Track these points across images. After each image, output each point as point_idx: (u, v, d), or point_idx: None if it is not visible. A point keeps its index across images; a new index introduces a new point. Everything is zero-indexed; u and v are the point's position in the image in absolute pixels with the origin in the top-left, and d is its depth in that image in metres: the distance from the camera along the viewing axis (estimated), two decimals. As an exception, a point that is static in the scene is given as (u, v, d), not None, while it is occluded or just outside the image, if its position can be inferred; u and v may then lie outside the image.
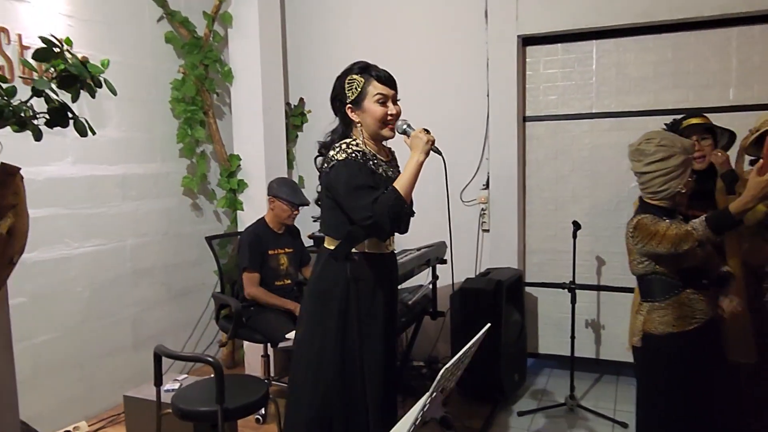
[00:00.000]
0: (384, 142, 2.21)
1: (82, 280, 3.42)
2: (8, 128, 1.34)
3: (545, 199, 3.98)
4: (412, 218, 2.24)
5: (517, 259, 3.92)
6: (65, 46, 1.39)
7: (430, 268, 3.46)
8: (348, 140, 2.07)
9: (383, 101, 2.08)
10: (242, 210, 4.15)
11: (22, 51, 3.03)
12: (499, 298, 3.39)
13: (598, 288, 3.86)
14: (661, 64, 3.62)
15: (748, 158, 2.65)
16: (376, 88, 2.07)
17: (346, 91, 2.08)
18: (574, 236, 3.42)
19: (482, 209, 4.01)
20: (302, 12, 4.47)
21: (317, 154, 2.18)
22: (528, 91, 3.95)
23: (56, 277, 3.27)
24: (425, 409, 1.56)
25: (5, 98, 1.24)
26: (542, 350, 4.08)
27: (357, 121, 2.09)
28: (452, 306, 3.56)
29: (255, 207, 4.04)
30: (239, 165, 4.11)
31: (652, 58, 3.64)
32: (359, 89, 2.06)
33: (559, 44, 3.83)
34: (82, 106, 3.37)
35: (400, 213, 1.95)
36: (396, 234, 2.19)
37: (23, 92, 1.33)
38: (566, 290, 3.41)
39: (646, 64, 3.65)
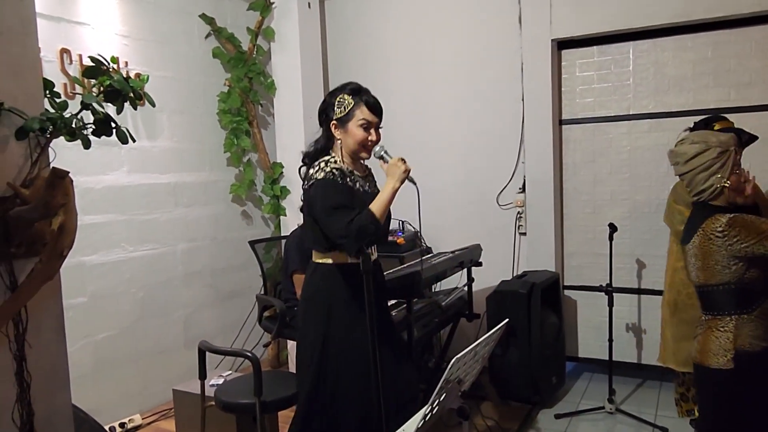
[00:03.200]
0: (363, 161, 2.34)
1: (137, 281, 3.66)
2: (64, 141, 1.51)
3: (583, 202, 3.97)
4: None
5: (554, 262, 3.92)
6: (111, 65, 1.54)
7: (465, 270, 3.52)
8: (327, 158, 2.21)
9: (366, 127, 2.19)
10: (285, 215, 4.33)
11: (83, 70, 3.30)
12: (534, 301, 3.41)
13: (639, 291, 3.81)
14: (700, 62, 3.56)
15: None
16: (363, 113, 2.18)
17: (335, 108, 2.21)
18: (611, 239, 3.40)
19: (519, 212, 4.03)
20: (342, 25, 4.64)
21: (301, 164, 2.32)
22: (564, 94, 3.96)
23: (113, 278, 3.52)
24: (441, 399, 1.63)
25: (58, 112, 1.41)
26: (582, 354, 4.05)
27: (338, 138, 2.22)
28: (488, 308, 3.60)
29: (297, 212, 4.18)
30: (282, 172, 4.29)
31: (690, 57, 3.59)
32: (347, 110, 2.18)
33: (594, 47, 3.83)
34: (137, 120, 3.64)
35: (374, 233, 2.07)
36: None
37: (75, 107, 1.50)
38: (603, 293, 3.40)
39: (685, 63, 3.61)
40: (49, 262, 1.28)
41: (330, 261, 2.25)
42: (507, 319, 1.89)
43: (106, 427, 3.29)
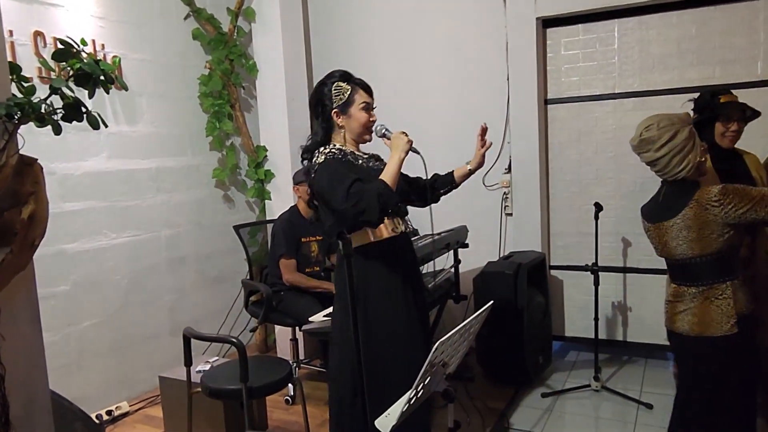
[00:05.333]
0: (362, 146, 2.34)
1: (121, 269, 3.61)
2: (40, 129, 1.46)
3: (569, 182, 3.97)
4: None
5: (540, 242, 3.93)
6: (81, 47, 1.49)
7: (452, 252, 3.51)
8: (326, 145, 2.21)
9: (367, 108, 2.23)
10: (270, 199, 4.29)
11: (52, 53, 3.20)
12: (520, 281, 3.42)
13: (624, 270, 3.84)
14: (685, 40, 3.55)
15: None
16: (362, 96, 2.22)
17: (333, 97, 2.21)
18: (596, 218, 3.41)
19: (505, 193, 4.02)
20: (324, 4, 4.55)
21: (302, 157, 2.30)
22: (549, 73, 3.93)
23: (96, 266, 3.47)
24: (426, 382, 1.63)
25: (26, 97, 1.36)
26: (569, 333, 4.08)
27: (341, 126, 2.23)
28: (475, 289, 3.60)
29: (282, 196, 4.17)
30: (266, 156, 4.23)
31: (675, 35, 3.57)
32: (347, 96, 2.20)
33: (579, 25, 3.79)
34: (116, 104, 3.57)
35: (389, 201, 2.05)
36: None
37: (46, 91, 1.44)
38: (590, 272, 3.42)
39: (670, 41, 3.58)
40: (21, 253, 1.24)
41: (355, 243, 2.16)
42: (492, 302, 1.88)
43: (93, 415, 3.28)
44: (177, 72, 3.97)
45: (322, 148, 2.20)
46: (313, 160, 2.20)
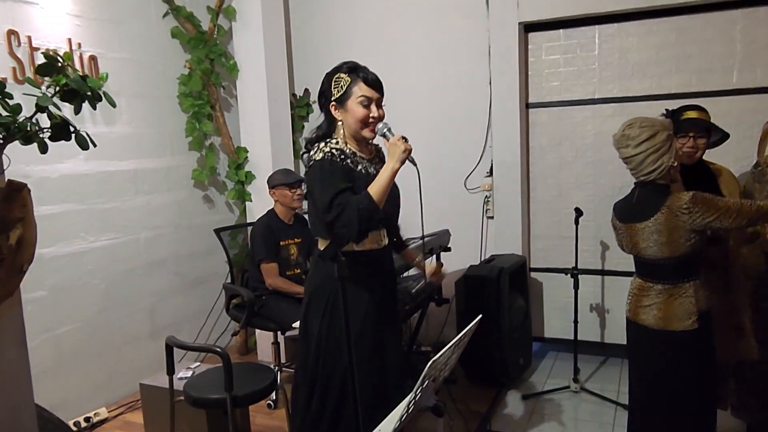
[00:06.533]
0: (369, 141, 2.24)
1: (99, 272, 3.55)
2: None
3: (549, 186, 4.02)
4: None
5: (521, 245, 3.97)
6: (66, 61, 1.46)
7: (434, 256, 3.53)
8: (328, 140, 2.12)
9: (366, 103, 2.10)
10: (250, 201, 4.25)
11: (32, 52, 3.12)
12: (502, 285, 3.46)
13: (602, 273, 3.91)
14: (663, 48, 3.61)
15: None
16: (361, 89, 2.09)
17: (332, 89, 2.11)
18: (576, 222, 3.46)
19: (486, 196, 4.05)
20: (305, 2, 4.51)
21: (304, 150, 2.22)
22: (530, 77, 3.96)
23: (74, 270, 3.40)
24: (417, 398, 1.64)
25: (11, 116, 1.32)
26: (548, 334, 4.14)
27: (339, 119, 2.13)
28: (457, 293, 3.63)
29: (263, 198, 4.12)
30: (246, 157, 4.19)
31: (654, 42, 3.63)
32: (344, 88, 2.09)
33: (561, 30, 3.83)
34: (93, 105, 3.48)
35: (371, 217, 1.97)
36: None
37: (28, 104, 1.41)
38: (569, 275, 3.47)
39: (649, 49, 3.64)
40: (8, 279, 1.21)
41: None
42: (480, 315, 1.90)
43: (71, 422, 3.22)
44: (156, 71, 3.89)
45: (322, 144, 2.09)
46: (311, 153, 2.11)
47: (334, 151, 2.06)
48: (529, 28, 3.89)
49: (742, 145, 3.39)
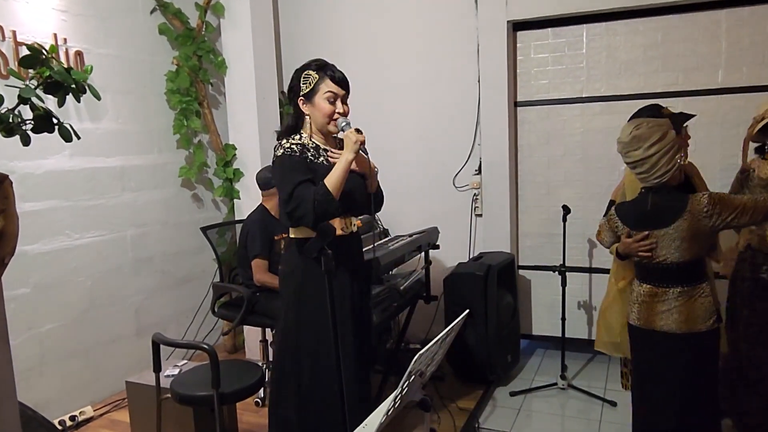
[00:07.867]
0: (336, 135, 2.33)
1: (84, 270, 3.51)
2: (-1, 132, 1.40)
3: (538, 184, 4.03)
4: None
5: (510, 242, 3.99)
6: (50, 54, 1.44)
7: (423, 254, 3.53)
8: (291, 136, 2.22)
9: (332, 100, 2.20)
10: (239, 198, 4.22)
11: (17, 47, 3.09)
12: (490, 282, 3.47)
13: (590, 270, 3.93)
14: (650, 47, 3.63)
15: (753, 145, 2.70)
16: (327, 86, 2.19)
17: (301, 84, 2.21)
18: (564, 220, 3.48)
19: (475, 194, 4.06)
20: (295, 1, 4.49)
21: (276, 144, 2.27)
22: (519, 76, 3.98)
23: (58, 268, 3.36)
24: (403, 393, 1.63)
25: (-7, 107, 1.30)
26: (536, 331, 4.16)
27: (306, 113, 2.23)
28: (445, 290, 3.63)
29: (251, 195, 4.11)
30: (235, 154, 4.17)
31: (641, 41, 3.65)
32: (312, 85, 2.20)
33: (549, 29, 3.85)
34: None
35: (328, 207, 2.08)
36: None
37: (12, 96, 1.39)
38: (557, 273, 3.49)
39: (636, 48, 3.67)
40: (-11, 271, 1.19)
41: (301, 235, 2.23)
42: (468, 310, 1.90)
43: (56, 421, 3.19)
44: (143, 68, 3.86)
45: (283, 141, 2.20)
46: (274, 151, 2.21)
47: (293, 146, 2.17)
48: (517, 26, 3.91)
49: (728, 143, 3.43)
